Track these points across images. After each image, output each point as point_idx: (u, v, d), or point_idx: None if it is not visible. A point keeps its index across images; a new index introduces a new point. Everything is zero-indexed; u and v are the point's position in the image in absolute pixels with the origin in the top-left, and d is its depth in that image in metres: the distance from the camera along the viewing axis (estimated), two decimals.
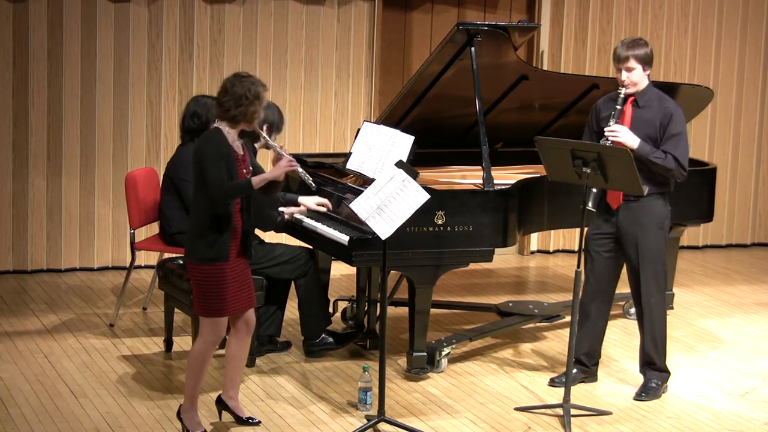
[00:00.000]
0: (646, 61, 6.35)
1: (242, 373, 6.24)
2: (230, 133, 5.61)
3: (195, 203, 5.63)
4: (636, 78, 6.34)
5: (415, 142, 6.73)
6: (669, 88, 7.41)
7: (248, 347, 5.93)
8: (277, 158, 5.77)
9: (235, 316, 5.76)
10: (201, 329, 5.70)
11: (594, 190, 6.22)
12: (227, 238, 5.56)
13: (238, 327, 5.81)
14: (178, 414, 5.78)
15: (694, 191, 7.57)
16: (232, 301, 5.64)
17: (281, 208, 6.68)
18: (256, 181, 5.60)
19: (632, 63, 6.32)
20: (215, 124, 5.64)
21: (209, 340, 5.67)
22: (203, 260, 5.56)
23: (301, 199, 6.77)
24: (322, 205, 6.70)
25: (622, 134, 6.24)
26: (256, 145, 6.67)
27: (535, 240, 10.00)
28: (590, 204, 6.20)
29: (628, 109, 6.39)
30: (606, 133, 6.25)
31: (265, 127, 6.68)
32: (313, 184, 6.18)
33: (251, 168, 5.72)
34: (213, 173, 5.50)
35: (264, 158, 7.35)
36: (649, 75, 6.40)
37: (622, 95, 6.34)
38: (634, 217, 6.38)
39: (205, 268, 5.57)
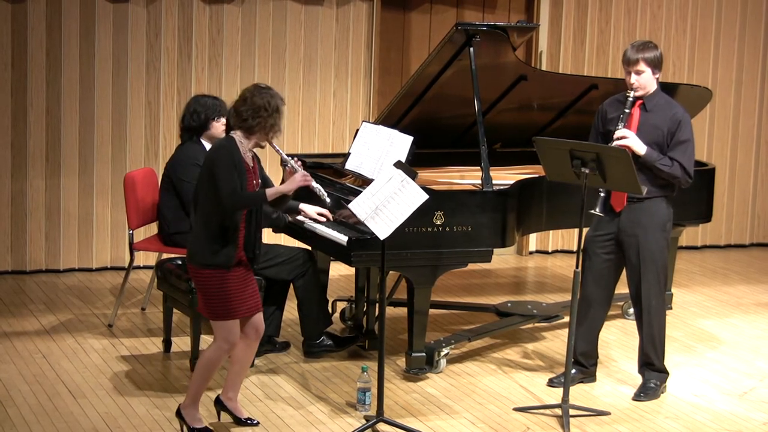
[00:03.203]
0: (656, 65, 6.32)
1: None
2: (243, 144, 5.58)
3: (203, 208, 5.57)
4: (645, 81, 6.32)
5: (413, 143, 6.73)
6: (668, 89, 7.41)
7: (254, 352, 5.93)
8: (291, 172, 5.75)
9: (243, 320, 5.75)
10: (216, 335, 5.68)
11: (602, 194, 6.21)
12: (233, 247, 5.55)
13: (247, 332, 5.79)
14: (178, 413, 5.78)
15: (692, 192, 7.54)
16: (238, 304, 5.62)
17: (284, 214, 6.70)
18: (270, 193, 5.57)
19: (642, 66, 6.30)
20: (230, 133, 5.61)
21: (224, 348, 5.66)
22: (205, 265, 5.55)
23: (303, 206, 6.77)
24: (323, 216, 6.71)
25: (629, 140, 6.22)
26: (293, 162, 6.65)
27: (533, 240, 10.01)
28: (598, 209, 6.20)
29: (636, 112, 6.36)
30: (614, 140, 6.23)
31: None
32: (329, 199, 6.14)
33: (260, 180, 5.70)
34: (225, 180, 5.46)
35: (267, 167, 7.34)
36: (658, 79, 6.38)
37: (630, 98, 6.31)
38: (636, 219, 6.37)
39: (208, 272, 5.55)
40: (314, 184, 5.84)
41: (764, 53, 10.34)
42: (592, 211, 6.21)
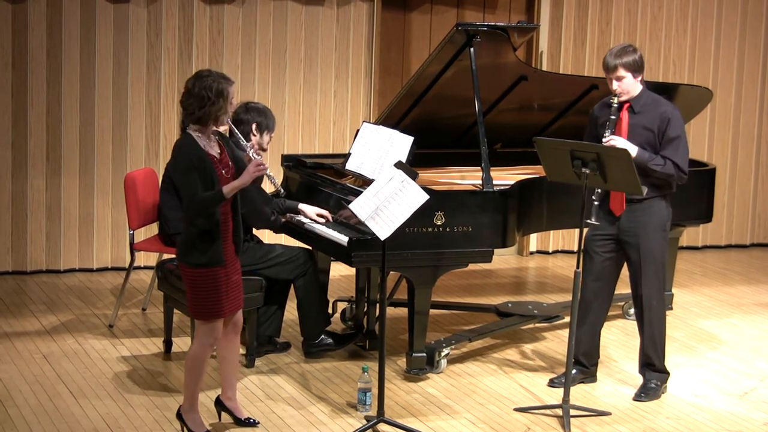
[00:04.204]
0: (636, 68, 6.32)
1: (239, 373, 6.24)
2: (201, 137, 5.48)
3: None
4: (627, 86, 6.32)
5: (414, 143, 6.73)
6: (668, 89, 7.42)
7: (238, 346, 5.92)
8: (249, 160, 5.67)
9: (225, 319, 5.75)
10: (197, 332, 5.69)
11: (596, 202, 6.21)
12: (219, 242, 5.52)
13: (228, 329, 5.79)
14: (178, 415, 5.78)
15: (693, 192, 7.57)
16: (226, 303, 5.62)
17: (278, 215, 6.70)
18: (227, 190, 5.42)
19: (621, 72, 6.30)
20: (186, 130, 5.53)
21: (206, 343, 5.66)
22: (197, 265, 5.54)
23: (302, 206, 6.77)
24: (322, 216, 6.70)
25: (618, 146, 6.21)
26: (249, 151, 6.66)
27: (534, 240, 10.01)
28: (593, 218, 6.20)
29: (625, 115, 6.37)
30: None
31: (254, 126, 6.71)
32: (282, 189, 6.11)
33: (232, 164, 5.59)
34: (184, 187, 5.40)
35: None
36: (641, 80, 6.38)
37: (615, 104, 6.31)
38: (636, 219, 6.37)
39: (199, 271, 5.54)
40: (268, 173, 5.69)
41: (764, 54, 10.34)
42: (589, 221, 6.21)
